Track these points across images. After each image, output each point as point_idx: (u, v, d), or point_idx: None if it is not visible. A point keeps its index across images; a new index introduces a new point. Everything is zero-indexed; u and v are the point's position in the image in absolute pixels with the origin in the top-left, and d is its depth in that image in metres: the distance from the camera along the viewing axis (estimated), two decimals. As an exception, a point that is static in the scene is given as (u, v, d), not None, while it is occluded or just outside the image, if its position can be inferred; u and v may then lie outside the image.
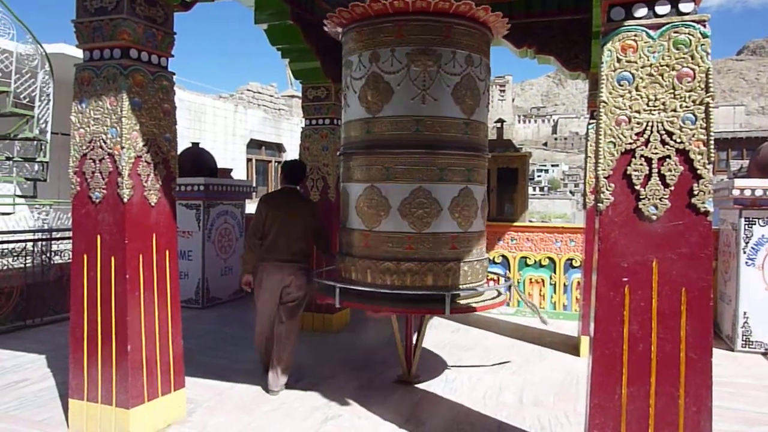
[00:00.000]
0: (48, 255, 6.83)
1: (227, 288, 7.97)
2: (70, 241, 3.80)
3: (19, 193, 7.96)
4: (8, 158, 7.15)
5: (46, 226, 8.15)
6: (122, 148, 3.46)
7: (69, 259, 5.86)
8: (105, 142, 3.51)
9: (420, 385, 4.56)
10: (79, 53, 3.67)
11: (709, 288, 2.53)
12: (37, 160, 7.28)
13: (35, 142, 7.28)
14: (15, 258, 6.50)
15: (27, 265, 6.51)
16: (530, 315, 7.06)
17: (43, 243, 6.82)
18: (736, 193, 5.67)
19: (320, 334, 6.17)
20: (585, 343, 5.25)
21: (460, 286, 4.06)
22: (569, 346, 5.74)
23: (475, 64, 4.06)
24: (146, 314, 3.61)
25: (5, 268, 6.41)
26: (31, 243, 6.66)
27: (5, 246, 6.52)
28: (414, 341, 4.61)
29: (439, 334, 6.13)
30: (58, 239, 7.07)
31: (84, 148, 3.58)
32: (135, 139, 3.53)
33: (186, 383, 3.95)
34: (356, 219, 4.18)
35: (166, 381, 3.75)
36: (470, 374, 4.87)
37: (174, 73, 3.83)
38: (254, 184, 13.14)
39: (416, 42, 3.91)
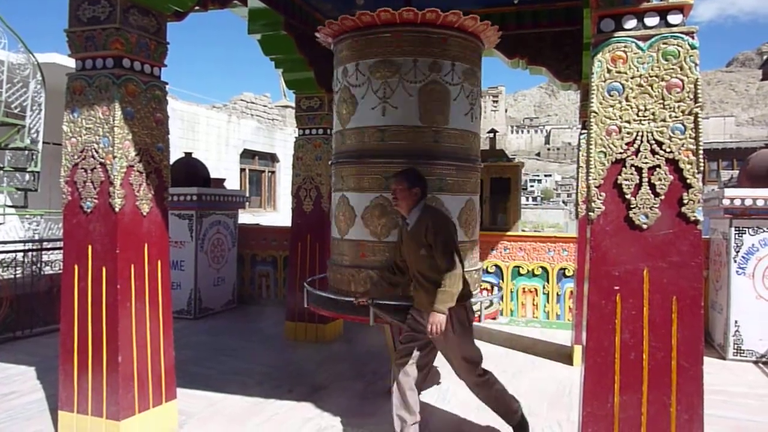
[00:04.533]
0: (38, 265, 6.78)
1: (220, 298, 7.93)
2: (61, 251, 3.78)
3: (9, 203, 7.92)
4: (-1, 168, 7.12)
5: (36, 237, 8.09)
6: (114, 157, 3.45)
7: (59, 269, 5.81)
8: (97, 152, 3.50)
9: (413, 396, 4.53)
10: (71, 63, 3.68)
11: (700, 296, 2.55)
12: (29, 169, 7.24)
13: (26, 152, 7.25)
14: (5, 268, 6.45)
15: (17, 275, 6.45)
16: (523, 325, 7.06)
17: (34, 253, 6.77)
18: (726, 202, 5.71)
19: (313, 344, 6.15)
20: (578, 353, 5.25)
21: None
22: (562, 355, 5.74)
23: (444, 71, 4.01)
24: (137, 325, 3.59)
25: (-6, 278, 6.35)
26: (22, 253, 6.61)
27: (-6, 256, 6.47)
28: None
29: (433, 344, 6.12)
30: (48, 249, 7.01)
31: (76, 157, 3.57)
32: (127, 148, 3.52)
33: (177, 394, 3.91)
34: (335, 227, 4.24)
35: (158, 392, 3.72)
36: (463, 384, 4.84)
37: (167, 83, 3.83)
38: (247, 194, 13.12)
39: (381, 54, 3.92)
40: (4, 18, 6.87)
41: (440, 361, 5.46)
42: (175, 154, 4.95)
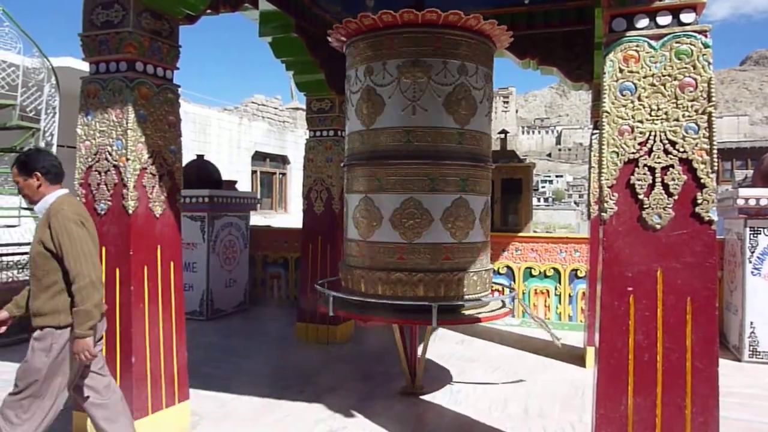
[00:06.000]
0: (53, 267, 6.85)
1: (231, 300, 7.97)
2: (76, 252, 3.79)
3: (24, 205, 8.00)
4: (14, 171, 7.20)
5: (51, 239, 8.17)
6: (127, 159, 3.48)
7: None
8: (110, 154, 3.54)
9: (425, 397, 4.53)
10: (85, 67, 3.72)
11: (715, 297, 2.53)
12: (43, 172, 7.31)
13: (41, 155, 7.31)
14: (20, 270, 6.52)
15: (32, 277, 6.53)
16: (535, 326, 7.02)
17: (49, 255, 6.84)
18: (740, 202, 5.65)
19: (324, 345, 6.16)
20: (590, 354, 5.22)
21: (463, 297, 4.06)
22: (575, 356, 5.71)
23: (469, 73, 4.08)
24: (150, 326, 3.61)
25: (10, 280, 6.42)
26: (37, 255, 6.68)
27: (10, 258, 6.54)
28: (418, 353, 4.59)
29: (444, 345, 6.10)
30: (63, 251, 7.08)
31: (89, 160, 3.60)
32: (140, 151, 3.55)
33: (190, 395, 3.93)
34: (353, 229, 4.23)
35: (170, 393, 3.74)
36: (475, 385, 4.84)
37: (179, 86, 3.86)
38: (259, 196, 13.18)
39: (408, 54, 3.94)
40: (19, 23, 6.95)
41: (450, 361, 5.46)
42: (187, 157, 4.99)
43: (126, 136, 3.48)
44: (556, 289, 7.03)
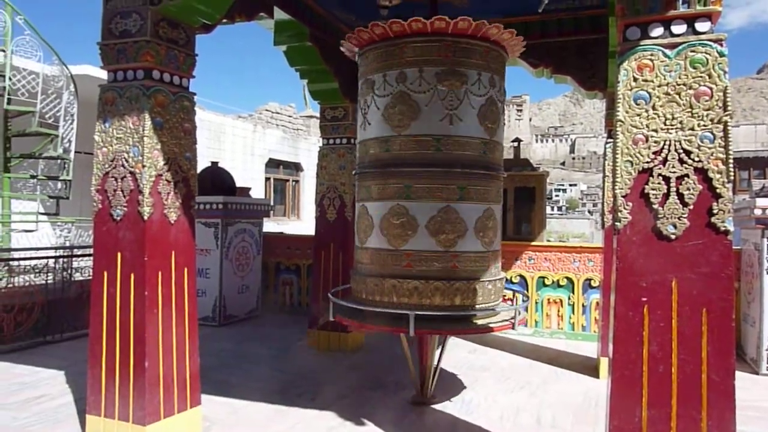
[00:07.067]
0: (69, 272, 6.93)
1: (244, 306, 8.00)
2: (91, 258, 3.85)
3: (42, 210, 8.12)
4: (32, 176, 7.32)
5: (67, 244, 8.27)
6: (143, 166, 3.52)
7: (89, 275, 5.94)
8: (127, 161, 3.58)
9: (436, 406, 4.51)
10: (102, 74, 3.78)
11: (731, 308, 2.49)
12: (61, 178, 7.43)
13: (59, 161, 7.44)
14: (37, 274, 6.61)
15: (48, 281, 6.61)
16: (548, 336, 6.97)
17: (65, 260, 6.92)
18: (758, 212, 5.58)
19: (335, 353, 6.15)
20: (604, 365, 5.16)
21: (474, 306, 4.03)
22: (588, 367, 5.65)
23: (496, 85, 4.11)
24: (164, 331, 3.64)
25: (27, 284, 6.51)
26: (53, 260, 6.77)
27: (28, 262, 6.64)
28: (429, 362, 4.56)
29: (456, 355, 6.07)
30: (79, 256, 7.16)
31: (106, 166, 3.65)
32: (156, 157, 3.59)
33: (202, 401, 3.95)
34: (356, 237, 4.31)
35: (183, 398, 3.76)
36: (487, 395, 4.81)
37: (195, 94, 3.91)
38: (272, 203, 13.24)
39: (438, 63, 3.93)
40: (39, 32, 7.08)
41: (461, 370, 5.43)
42: (201, 163, 5.03)
43: (142, 143, 3.53)
44: (569, 298, 6.97)
